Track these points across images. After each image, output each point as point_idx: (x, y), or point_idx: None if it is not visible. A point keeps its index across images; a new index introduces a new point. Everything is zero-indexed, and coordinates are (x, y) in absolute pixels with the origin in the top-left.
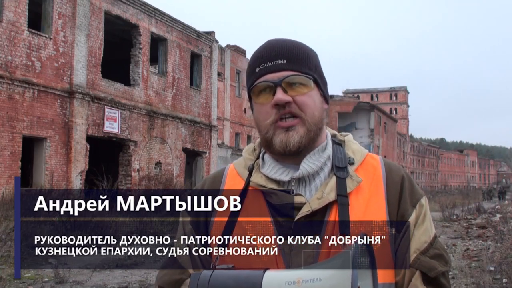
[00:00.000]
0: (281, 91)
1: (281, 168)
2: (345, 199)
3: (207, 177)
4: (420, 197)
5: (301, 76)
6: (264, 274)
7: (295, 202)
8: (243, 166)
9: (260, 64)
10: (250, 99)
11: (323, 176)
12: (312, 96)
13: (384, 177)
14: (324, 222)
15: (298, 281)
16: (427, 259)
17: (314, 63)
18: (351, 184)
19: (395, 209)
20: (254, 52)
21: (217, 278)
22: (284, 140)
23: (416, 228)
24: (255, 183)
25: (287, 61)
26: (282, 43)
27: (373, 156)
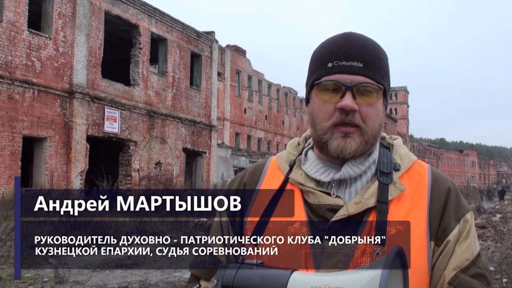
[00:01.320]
0: (350, 96)
1: (323, 168)
2: (384, 206)
3: (248, 167)
4: (465, 212)
5: (373, 85)
6: (291, 275)
7: (333, 204)
8: (285, 160)
9: (334, 60)
10: (310, 90)
11: (365, 180)
12: (377, 107)
13: (429, 187)
14: (360, 228)
15: (324, 287)
16: (467, 278)
17: (386, 70)
18: (393, 191)
19: (437, 221)
20: (328, 42)
21: (243, 273)
22: (341, 145)
23: (459, 244)
24: (294, 180)
25: (364, 65)
26: (361, 43)
27: (421, 164)
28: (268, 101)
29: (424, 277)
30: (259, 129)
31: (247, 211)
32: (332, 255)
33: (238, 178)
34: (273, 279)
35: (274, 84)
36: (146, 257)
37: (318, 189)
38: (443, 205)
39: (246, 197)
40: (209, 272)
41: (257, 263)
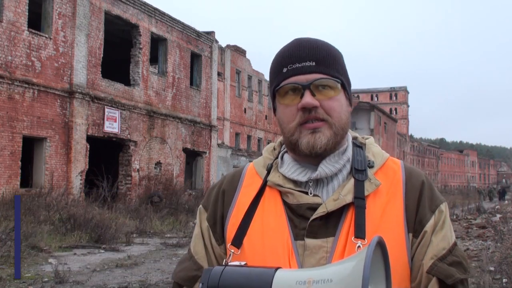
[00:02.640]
0: (309, 94)
1: (299, 169)
2: (362, 201)
3: (226, 175)
4: (440, 202)
5: (329, 80)
6: (276, 273)
7: (312, 203)
8: (262, 165)
9: (288, 65)
10: (274, 99)
11: (341, 178)
12: (339, 100)
13: (404, 181)
14: (339, 224)
15: (309, 281)
16: (445, 266)
17: (342, 65)
18: (369, 187)
19: (413, 214)
20: (281, 50)
21: (229, 274)
22: (311, 141)
23: (435, 234)
24: (272, 182)
25: (316, 63)
26: (311, 43)
27: (394, 160)
28: (268, 101)
29: (405, 268)
30: (259, 129)
31: (228, 216)
32: (315, 252)
33: (217, 186)
34: (258, 277)
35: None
36: (146, 257)
37: (297, 189)
38: (418, 198)
39: (226, 203)
40: (191, 279)
41: (241, 264)
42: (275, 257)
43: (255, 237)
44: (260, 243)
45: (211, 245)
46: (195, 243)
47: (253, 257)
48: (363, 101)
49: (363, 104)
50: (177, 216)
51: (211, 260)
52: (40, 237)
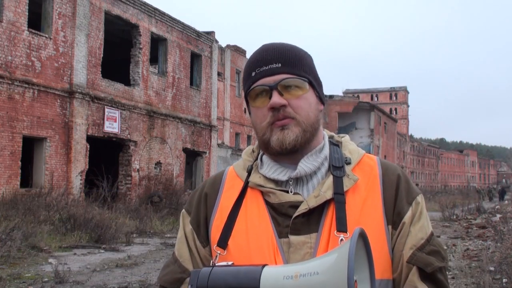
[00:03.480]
0: (277, 94)
1: (279, 168)
2: (341, 197)
3: (207, 179)
4: (416, 195)
5: (296, 79)
6: (263, 270)
7: (293, 201)
8: (242, 167)
9: (256, 68)
10: (247, 103)
11: (320, 176)
12: (307, 98)
13: (381, 176)
14: (321, 219)
15: (296, 275)
16: (423, 255)
17: (309, 65)
18: (347, 183)
19: (391, 207)
20: (250, 57)
21: (217, 274)
22: (280, 138)
23: (413, 225)
24: (253, 183)
25: (282, 64)
26: (277, 47)
27: (370, 156)
28: None
29: (386, 259)
30: None
31: (211, 218)
32: (299, 248)
33: (199, 190)
34: (246, 275)
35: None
36: (146, 257)
37: (278, 189)
38: (395, 191)
39: (208, 206)
40: (177, 281)
41: (228, 264)
42: (261, 256)
43: (240, 237)
44: (245, 243)
45: (196, 247)
46: (179, 247)
47: (239, 257)
48: (363, 101)
49: (363, 104)
50: (177, 216)
51: (196, 262)
52: (40, 237)
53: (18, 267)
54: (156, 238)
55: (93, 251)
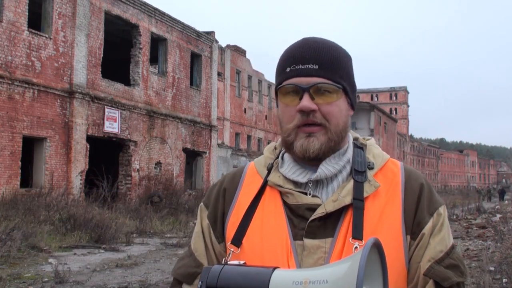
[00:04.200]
0: (308, 97)
1: (299, 169)
2: (360, 203)
3: (227, 174)
4: (438, 205)
5: (330, 85)
6: (273, 273)
7: (311, 204)
8: (263, 164)
9: (291, 65)
10: (277, 96)
11: (340, 179)
12: (338, 105)
13: (403, 183)
14: (338, 225)
15: (305, 281)
16: (441, 269)
17: (346, 69)
18: (368, 189)
19: (411, 216)
20: (287, 49)
21: (227, 273)
22: (304, 145)
23: (432, 237)
24: (272, 182)
25: (319, 66)
26: (317, 46)
27: (394, 162)
28: (268, 101)
29: (401, 270)
30: (259, 129)
31: (228, 215)
32: (313, 252)
33: (218, 184)
34: (256, 276)
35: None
36: (146, 257)
37: (296, 190)
38: (417, 200)
39: (226, 202)
40: (191, 275)
41: (239, 263)
42: (274, 257)
43: (254, 236)
44: (259, 243)
45: (211, 242)
46: (195, 241)
47: (252, 256)
48: (363, 101)
49: (363, 104)
50: (177, 216)
51: (211, 257)
52: (40, 237)
53: (18, 267)
54: (156, 238)
55: (93, 251)
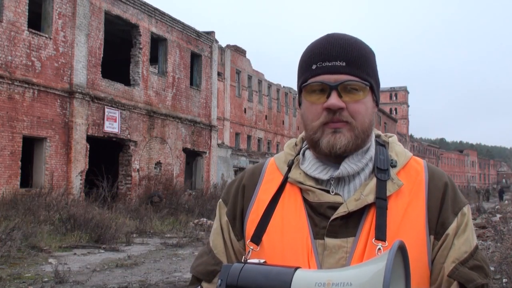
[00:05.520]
0: (336, 95)
1: (321, 166)
2: (383, 202)
3: (246, 170)
4: (463, 205)
5: (358, 82)
6: (295, 273)
7: (332, 202)
8: (283, 161)
9: (318, 62)
10: (300, 93)
11: (363, 177)
12: (365, 103)
13: (427, 182)
14: (360, 224)
15: (328, 283)
16: (466, 270)
17: (372, 66)
18: (391, 187)
19: (435, 216)
20: (312, 45)
21: (248, 272)
22: (331, 141)
23: (457, 237)
24: (293, 179)
25: (347, 63)
26: (343, 42)
27: (417, 160)
28: (268, 101)
29: (424, 270)
30: (259, 129)
31: (247, 212)
32: (334, 252)
33: (237, 180)
34: (277, 276)
35: (274, 84)
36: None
37: (318, 187)
38: (441, 200)
39: (246, 198)
40: (210, 273)
41: (260, 262)
42: (294, 256)
43: (274, 234)
44: (279, 241)
45: (230, 240)
46: (214, 237)
47: (272, 255)
48: None
49: None
50: (177, 216)
51: (230, 255)
52: (40, 237)
53: (18, 267)
54: (156, 238)
55: (93, 251)
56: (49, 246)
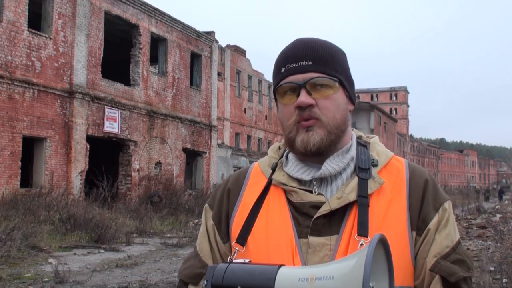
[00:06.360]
0: (305, 93)
1: (304, 167)
2: (365, 200)
3: (232, 174)
4: (443, 201)
5: (326, 78)
6: (279, 270)
7: (315, 201)
8: (267, 164)
9: (286, 65)
10: (276, 98)
11: (345, 177)
12: (335, 99)
13: (408, 180)
14: (343, 222)
15: (312, 278)
16: (448, 264)
17: (341, 63)
18: (373, 186)
19: (417, 212)
20: (281, 51)
21: (233, 271)
22: (305, 139)
23: (438, 232)
24: (277, 181)
25: (313, 62)
26: (309, 43)
27: (398, 159)
28: (268, 101)
29: (408, 266)
30: (259, 129)
31: (233, 215)
32: (318, 250)
33: (223, 185)
34: (262, 274)
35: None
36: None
37: (301, 188)
38: (422, 196)
39: (231, 202)
40: (196, 276)
41: (245, 261)
42: (279, 255)
43: (259, 235)
44: (264, 241)
45: (216, 243)
46: (200, 241)
47: (258, 255)
48: (363, 101)
49: (363, 104)
50: (177, 216)
51: (216, 258)
52: (40, 237)
53: (18, 267)
54: (156, 238)
55: (93, 251)
56: (49, 246)
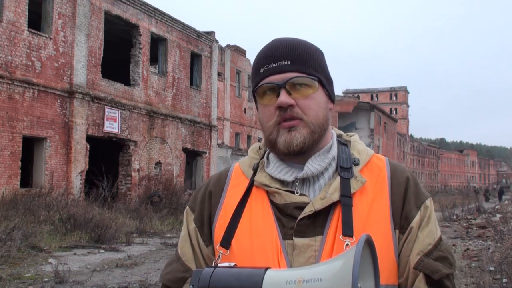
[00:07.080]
0: (284, 93)
1: (285, 168)
2: (348, 199)
3: (212, 176)
4: (425, 198)
5: (305, 78)
6: (266, 273)
7: (299, 202)
8: (248, 165)
9: (264, 65)
10: (255, 99)
11: (327, 177)
12: (316, 98)
13: (389, 178)
14: (327, 222)
15: (299, 280)
16: (430, 261)
17: (319, 63)
18: (355, 185)
19: (399, 210)
20: (259, 52)
21: (219, 275)
22: (287, 140)
23: (420, 230)
24: (259, 182)
25: (292, 62)
26: (287, 43)
27: (379, 157)
28: None
29: (392, 264)
30: (259, 129)
31: (215, 217)
32: (303, 251)
33: (203, 187)
34: (249, 278)
35: None
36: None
37: (283, 189)
38: (404, 194)
39: (213, 204)
40: (179, 280)
41: (230, 265)
42: (264, 257)
43: (243, 237)
44: (248, 244)
45: (199, 246)
46: (182, 245)
47: (242, 258)
48: (363, 101)
49: (363, 104)
50: (177, 216)
51: (199, 261)
52: (40, 237)
53: (18, 267)
54: (156, 238)
55: (93, 251)
56: (49, 246)
